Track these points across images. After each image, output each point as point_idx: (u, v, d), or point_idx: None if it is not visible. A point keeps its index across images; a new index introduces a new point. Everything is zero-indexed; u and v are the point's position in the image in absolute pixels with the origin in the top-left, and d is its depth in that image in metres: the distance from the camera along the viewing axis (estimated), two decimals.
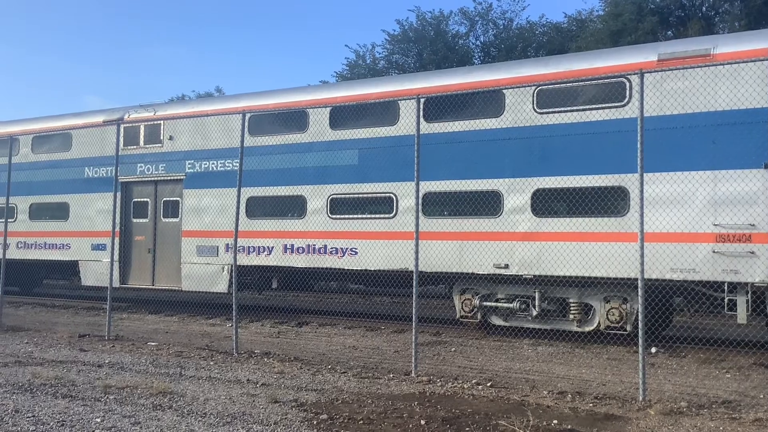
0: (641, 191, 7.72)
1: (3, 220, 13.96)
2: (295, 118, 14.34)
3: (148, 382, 7.93)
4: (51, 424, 6.13)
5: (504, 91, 11.90)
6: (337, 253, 13.64)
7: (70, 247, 17.07)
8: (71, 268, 17.37)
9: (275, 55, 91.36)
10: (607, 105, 11.22)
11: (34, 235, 17.71)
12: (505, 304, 12.16)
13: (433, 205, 12.71)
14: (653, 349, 10.58)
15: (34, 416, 6.39)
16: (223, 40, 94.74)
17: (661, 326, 10.24)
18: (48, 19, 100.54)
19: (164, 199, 16.16)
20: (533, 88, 11.73)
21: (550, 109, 11.66)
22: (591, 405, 7.17)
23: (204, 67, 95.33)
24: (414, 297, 9.00)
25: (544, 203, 11.69)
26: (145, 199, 16.39)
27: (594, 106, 11.30)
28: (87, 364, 9.22)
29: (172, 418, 6.41)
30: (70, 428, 6.00)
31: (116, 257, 12.94)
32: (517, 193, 11.89)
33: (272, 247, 14.38)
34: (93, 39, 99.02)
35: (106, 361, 9.48)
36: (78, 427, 6.04)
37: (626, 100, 11.08)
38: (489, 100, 12.25)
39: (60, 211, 17.39)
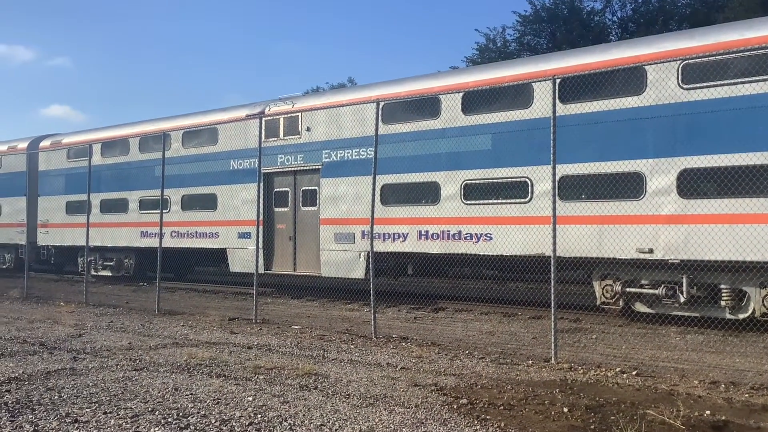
0: None
1: (159, 211, 14.97)
2: (427, 105, 14.39)
3: (294, 364, 8.29)
4: (207, 401, 6.50)
5: (646, 67, 11.34)
6: (471, 238, 13.60)
7: (218, 236, 18.09)
8: (220, 256, 18.36)
9: (405, 44, 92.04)
10: (761, 78, 10.43)
11: (186, 224, 18.90)
12: (650, 290, 11.66)
13: (570, 188, 12.36)
14: None
15: (191, 394, 6.81)
16: (354, 31, 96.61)
17: None
18: (190, 25, 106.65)
19: (303, 188, 16.74)
20: (678, 62, 11.12)
21: (697, 85, 11.00)
22: (747, 396, 6.75)
23: (336, 59, 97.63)
24: (552, 282, 8.81)
25: (692, 184, 11.05)
26: (285, 189, 17.06)
27: (747, 79, 10.54)
28: (237, 346, 9.76)
29: (318, 398, 6.65)
30: (224, 405, 6.35)
31: (261, 245, 13.54)
32: (661, 174, 11.33)
33: (407, 234, 14.54)
34: (228, 40, 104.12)
35: (255, 343, 9.99)
36: (232, 405, 6.39)
37: None
38: (629, 78, 11.73)
39: (209, 202, 18.44)
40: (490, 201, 13.42)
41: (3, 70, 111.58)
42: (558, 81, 9.25)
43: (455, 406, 6.31)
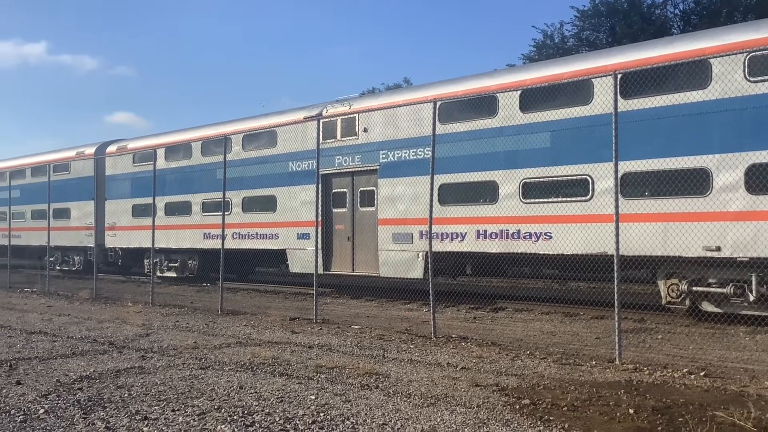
0: None
1: (221, 213, 15.27)
2: (484, 104, 14.30)
3: (355, 363, 8.36)
4: (271, 400, 6.62)
5: (711, 60, 11.03)
6: (530, 237, 13.45)
7: (278, 237, 18.34)
8: (280, 256, 18.62)
9: (461, 43, 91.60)
10: None
11: (247, 226, 19.23)
12: (718, 289, 11.32)
13: (632, 185, 12.11)
14: None
15: (256, 392, 6.94)
16: (409, 31, 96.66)
17: None
18: (247, 27, 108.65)
19: (360, 189, 16.84)
20: (744, 55, 10.77)
21: (765, 77, 10.63)
22: None
23: (391, 60, 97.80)
24: (615, 281, 8.65)
25: (761, 180, 10.68)
26: (343, 190, 17.19)
27: None
28: (299, 345, 9.89)
29: (379, 397, 6.70)
30: (288, 404, 6.45)
31: (320, 245, 13.66)
32: (728, 169, 11.00)
33: (465, 233, 14.47)
34: (283, 45, 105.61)
35: (316, 343, 10.10)
36: (295, 403, 6.48)
37: None
38: (693, 72, 11.42)
39: (269, 204, 18.72)
40: (550, 199, 13.25)
41: (69, 79, 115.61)
42: (619, 76, 9.06)
43: (517, 407, 6.26)
